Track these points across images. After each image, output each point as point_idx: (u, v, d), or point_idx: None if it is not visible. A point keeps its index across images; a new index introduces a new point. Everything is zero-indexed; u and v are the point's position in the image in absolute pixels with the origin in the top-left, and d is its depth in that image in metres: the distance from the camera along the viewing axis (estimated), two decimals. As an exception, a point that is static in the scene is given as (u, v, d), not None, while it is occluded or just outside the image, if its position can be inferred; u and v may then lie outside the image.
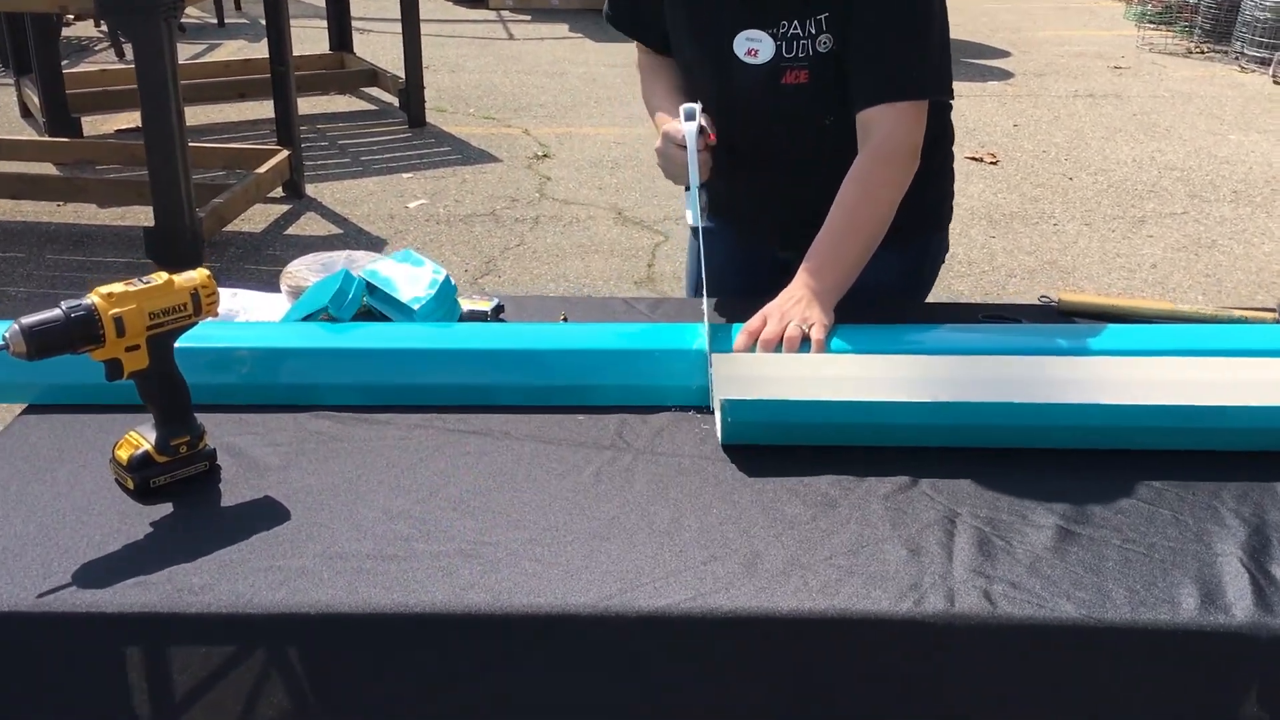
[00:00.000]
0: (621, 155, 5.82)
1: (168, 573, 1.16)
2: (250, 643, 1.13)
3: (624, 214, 5.03)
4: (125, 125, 5.94)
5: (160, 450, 1.29)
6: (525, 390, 1.47)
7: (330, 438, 1.41)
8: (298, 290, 1.70)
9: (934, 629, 1.11)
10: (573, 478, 1.33)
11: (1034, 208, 5.09)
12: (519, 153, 5.87)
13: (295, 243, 4.73)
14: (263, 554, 1.19)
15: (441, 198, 5.21)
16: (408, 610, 1.12)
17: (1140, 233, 4.82)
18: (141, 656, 1.13)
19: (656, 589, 1.14)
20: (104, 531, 1.23)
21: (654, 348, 1.50)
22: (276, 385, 1.48)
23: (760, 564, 1.18)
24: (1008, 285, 4.29)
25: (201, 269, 1.30)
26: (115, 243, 4.65)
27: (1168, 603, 1.13)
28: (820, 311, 1.51)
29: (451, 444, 1.40)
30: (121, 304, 1.23)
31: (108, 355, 1.24)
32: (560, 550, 1.20)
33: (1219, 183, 5.43)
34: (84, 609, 1.12)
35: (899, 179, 1.61)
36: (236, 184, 4.67)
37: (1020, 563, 1.18)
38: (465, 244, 4.68)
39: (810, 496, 1.30)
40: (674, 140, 1.66)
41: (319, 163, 5.66)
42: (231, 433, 1.41)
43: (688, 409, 1.48)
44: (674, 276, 4.37)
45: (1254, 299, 4.18)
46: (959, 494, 1.30)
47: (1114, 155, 5.83)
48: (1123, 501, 1.29)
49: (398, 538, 1.22)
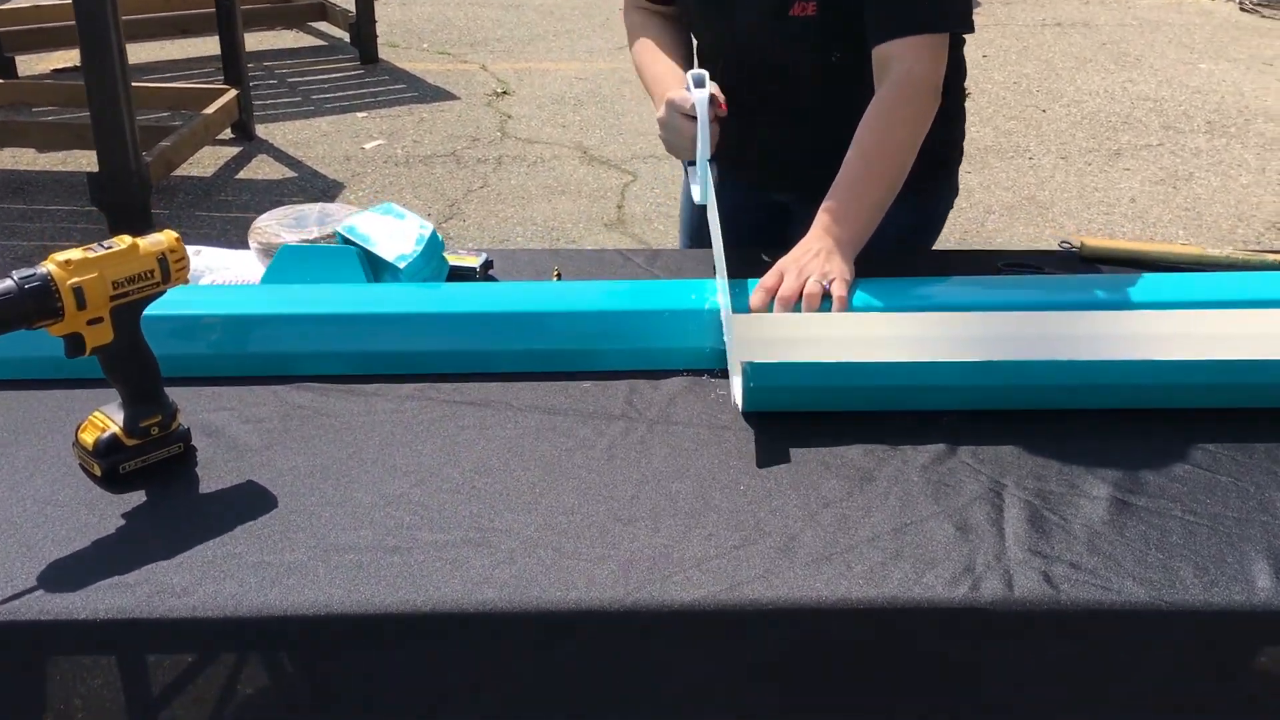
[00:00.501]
0: (584, 91, 5.65)
1: (145, 572, 1.04)
2: (241, 650, 1.03)
3: (590, 153, 4.88)
4: (62, 64, 5.68)
5: (129, 433, 1.17)
6: (526, 356, 1.36)
7: (315, 412, 1.29)
8: (269, 247, 1.56)
9: (993, 616, 1.02)
10: (584, 453, 1.22)
11: (1008, 141, 5.00)
12: (477, 90, 5.68)
13: (248, 187, 4.54)
14: (250, 548, 1.08)
15: (399, 138, 5.03)
16: (414, 609, 1.01)
17: (1117, 165, 4.74)
18: (119, 668, 1.02)
19: (689, 579, 1.04)
20: (70, 526, 1.10)
21: (664, 308, 1.39)
22: (253, 355, 1.36)
23: (797, 548, 1.08)
24: (986, 222, 4.20)
25: (169, 231, 1.17)
26: (57, 190, 4.44)
27: (1241, 581, 1.04)
28: (841, 264, 1.40)
29: (449, 417, 1.28)
30: (81, 272, 1.10)
31: (67, 330, 1.11)
32: (579, 537, 1.09)
33: (1192, 113, 5.36)
34: (53, 616, 1.00)
35: (920, 118, 1.49)
36: (183, 126, 4.47)
37: (1078, 540, 1.09)
38: (426, 186, 4.52)
39: (843, 469, 1.20)
40: (680, 109, 1.50)
41: (269, 102, 5.44)
42: (206, 409, 1.29)
43: (700, 373, 1.37)
44: (644, 218, 4.25)
45: (1234, 233, 4.13)
46: (1002, 462, 1.21)
47: (1086, 86, 5.74)
48: (1178, 467, 1.20)
49: (398, 526, 1.11)
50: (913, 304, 1.40)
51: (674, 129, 1.52)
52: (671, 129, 1.52)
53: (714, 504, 1.14)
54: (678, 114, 1.50)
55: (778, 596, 1.03)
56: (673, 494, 1.16)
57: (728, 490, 1.16)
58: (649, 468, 1.20)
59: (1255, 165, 4.75)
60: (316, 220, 1.61)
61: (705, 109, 1.46)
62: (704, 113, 1.46)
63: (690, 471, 1.19)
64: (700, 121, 1.46)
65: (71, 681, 1.08)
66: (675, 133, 1.52)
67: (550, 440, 1.24)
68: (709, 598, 1.02)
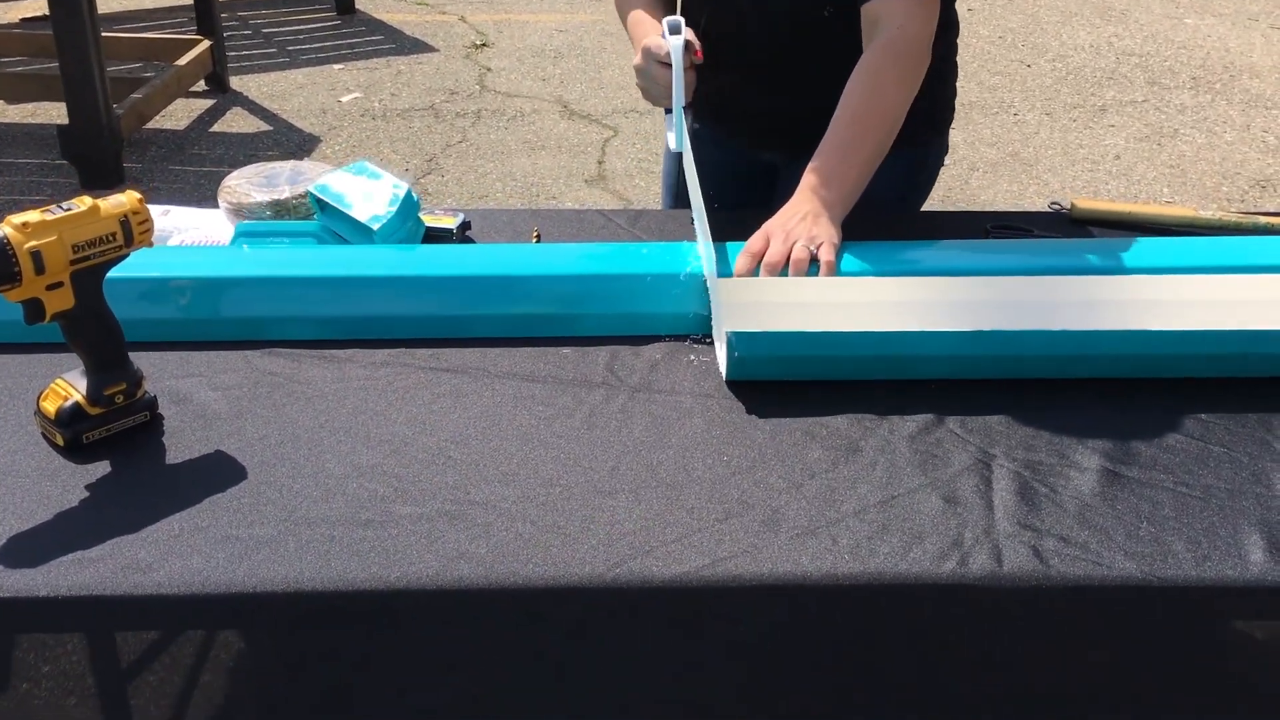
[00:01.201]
0: (564, 44, 5.56)
1: (110, 546, 1.01)
2: (209, 628, 0.99)
3: (570, 107, 4.81)
4: (30, 13, 5.54)
5: (93, 401, 1.13)
6: (504, 321, 1.32)
7: (285, 379, 1.25)
8: (239, 207, 1.52)
9: (981, 592, 1.00)
10: (563, 421, 1.19)
11: (993, 97, 4.95)
12: (455, 42, 5.59)
13: (222, 140, 4.46)
14: (218, 522, 1.04)
15: (376, 91, 4.95)
16: (388, 586, 0.98)
17: (1102, 122, 4.70)
18: (83, 647, 0.99)
19: (669, 553, 1.01)
20: (31, 497, 1.07)
21: (646, 271, 1.35)
22: (222, 319, 1.32)
23: (782, 521, 1.06)
24: (970, 179, 4.17)
25: (131, 192, 1.12)
26: (26, 143, 4.35)
27: (1234, 554, 1.02)
28: (828, 228, 1.37)
29: (424, 384, 1.25)
30: (39, 235, 1.05)
31: (26, 295, 1.07)
32: (557, 510, 1.06)
33: (1178, 69, 5.32)
34: (12, 593, 0.96)
35: (911, 77, 1.45)
36: (156, 77, 4.38)
37: (1068, 513, 1.07)
38: (404, 141, 4.44)
39: (829, 439, 1.17)
40: (656, 56, 1.47)
41: (243, 53, 5.34)
42: (173, 374, 1.25)
43: (682, 338, 1.34)
44: (625, 174, 4.19)
45: (1219, 190, 4.10)
46: (990, 432, 1.18)
47: (1071, 40, 5.69)
48: (1169, 437, 1.18)
49: (371, 498, 1.07)
50: (901, 269, 1.37)
51: (650, 77, 1.50)
52: (648, 77, 1.50)
53: (696, 475, 1.11)
54: (654, 61, 1.48)
55: (762, 572, 1.00)
56: (654, 465, 1.13)
57: (710, 462, 1.13)
58: (630, 437, 1.17)
59: (1240, 122, 4.72)
60: (288, 179, 1.56)
61: (680, 55, 1.44)
62: (679, 59, 1.44)
63: (672, 441, 1.16)
64: (675, 68, 1.44)
65: (39, 654, 1.04)
66: (651, 80, 1.50)
67: (529, 409, 1.21)
68: (691, 573, 0.99)
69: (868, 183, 1.43)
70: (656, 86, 1.50)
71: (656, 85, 1.49)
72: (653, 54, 1.48)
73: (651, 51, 1.48)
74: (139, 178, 4.06)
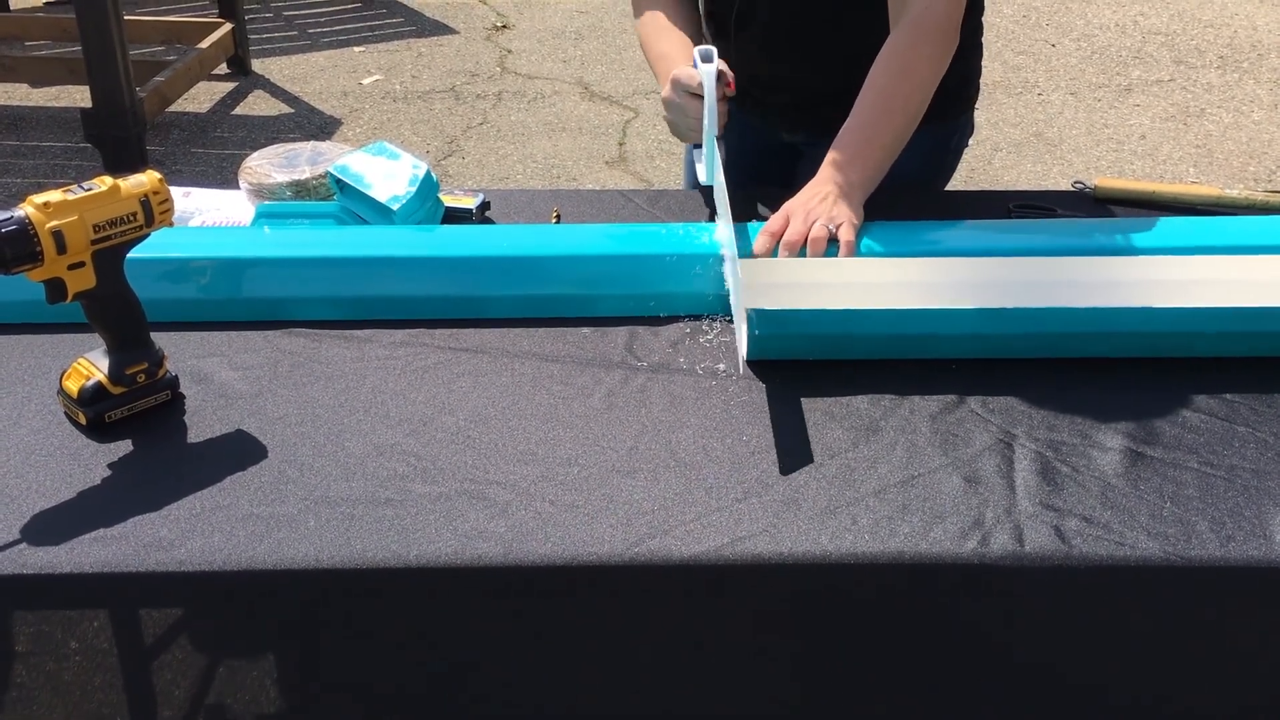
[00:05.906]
0: (585, 25, 5.54)
1: (132, 524, 1.02)
2: (230, 605, 1.00)
3: (591, 89, 4.79)
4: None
5: (115, 380, 1.14)
6: (523, 301, 1.32)
7: (306, 359, 1.26)
8: (260, 188, 1.52)
9: (1002, 572, 0.99)
10: (582, 401, 1.19)
11: (1016, 76, 4.90)
12: (476, 23, 5.57)
13: (244, 123, 4.47)
14: (239, 500, 1.05)
15: (397, 73, 4.94)
16: (407, 564, 0.99)
17: (1127, 101, 4.66)
18: (106, 623, 1.00)
19: (689, 532, 1.01)
20: (55, 476, 1.08)
21: (666, 252, 1.35)
22: (243, 299, 1.32)
23: (801, 500, 1.05)
24: (993, 160, 4.13)
25: (151, 172, 1.13)
26: (51, 126, 4.37)
27: (1259, 536, 1.01)
28: (849, 209, 1.36)
29: (443, 364, 1.25)
30: (60, 215, 1.06)
31: (48, 275, 1.07)
32: (576, 489, 1.06)
33: (1205, 48, 5.25)
34: (35, 570, 0.97)
35: (939, 57, 1.43)
36: (178, 60, 4.38)
37: (1091, 493, 1.06)
38: (425, 123, 4.44)
39: (849, 419, 1.16)
40: (687, 87, 1.43)
41: (264, 36, 5.34)
42: (194, 355, 1.25)
43: (701, 318, 1.33)
44: (646, 155, 4.18)
45: (1246, 170, 4.05)
46: (1012, 412, 1.18)
47: (1096, 19, 5.62)
48: (1193, 417, 1.17)
49: (391, 477, 1.08)
50: (922, 249, 1.36)
51: (679, 108, 1.46)
52: (676, 108, 1.47)
53: (715, 455, 1.11)
54: (684, 91, 1.44)
55: (781, 551, 1.00)
56: (673, 445, 1.12)
57: (729, 441, 1.13)
58: (649, 417, 1.17)
59: (1268, 101, 4.66)
60: (308, 160, 1.56)
61: (713, 85, 1.40)
62: (711, 88, 1.40)
63: (690, 421, 1.16)
64: (707, 98, 1.40)
65: (66, 630, 1.05)
66: (680, 112, 1.46)
67: (548, 388, 1.21)
68: (711, 552, 0.99)
69: (891, 163, 1.42)
70: (686, 119, 1.45)
71: (686, 118, 1.45)
72: (683, 85, 1.44)
73: (682, 82, 1.44)
74: (162, 160, 4.07)
